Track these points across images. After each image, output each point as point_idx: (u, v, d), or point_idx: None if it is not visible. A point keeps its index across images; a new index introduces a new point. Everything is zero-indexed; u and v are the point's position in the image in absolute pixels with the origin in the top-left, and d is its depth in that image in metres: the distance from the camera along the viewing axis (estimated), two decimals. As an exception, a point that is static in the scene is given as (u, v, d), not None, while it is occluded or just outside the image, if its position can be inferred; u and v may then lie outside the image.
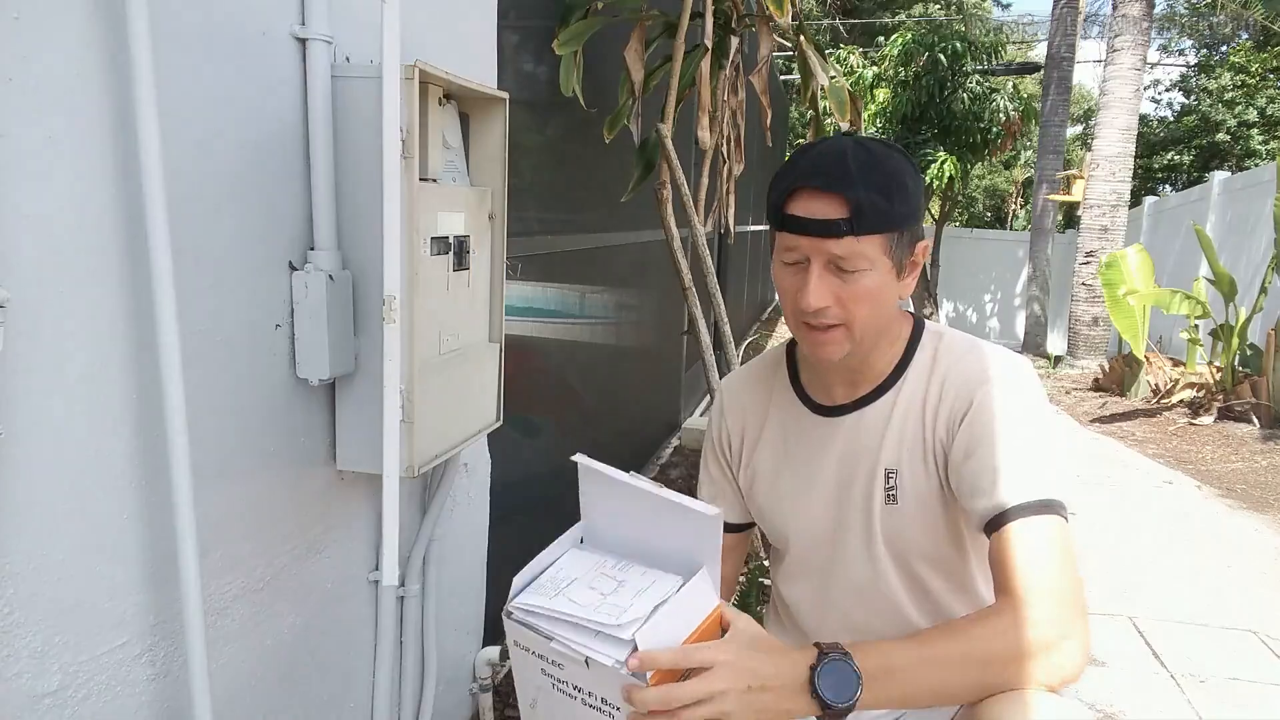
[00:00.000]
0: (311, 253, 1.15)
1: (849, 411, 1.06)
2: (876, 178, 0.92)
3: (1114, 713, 2.15)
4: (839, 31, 18.15)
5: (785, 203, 0.95)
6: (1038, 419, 0.97)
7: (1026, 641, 0.84)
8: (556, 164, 2.42)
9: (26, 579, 0.80)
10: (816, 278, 0.94)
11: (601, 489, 0.85)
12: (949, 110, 11.02)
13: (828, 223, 0.92)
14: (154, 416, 0.92)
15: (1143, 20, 7.65)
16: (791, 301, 0.98)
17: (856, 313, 0.95)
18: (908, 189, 0.95)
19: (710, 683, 0.76)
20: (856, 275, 0.94)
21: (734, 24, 2.58)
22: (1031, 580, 0.87)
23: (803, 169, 0.94)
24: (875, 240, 0.93)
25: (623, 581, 0.80)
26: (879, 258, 0.94)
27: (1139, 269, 6.41)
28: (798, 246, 0.95)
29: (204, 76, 0.96)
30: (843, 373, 1.05)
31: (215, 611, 1.05)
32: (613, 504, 0.85)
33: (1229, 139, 16.64)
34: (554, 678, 0.80)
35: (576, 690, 0.79)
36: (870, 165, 0.93)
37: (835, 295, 0.94)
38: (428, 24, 1.42)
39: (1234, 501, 4.05)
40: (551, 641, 0.77)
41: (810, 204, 0.93)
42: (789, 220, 0.94)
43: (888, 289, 0.97)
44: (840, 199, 0.91)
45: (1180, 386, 6.12)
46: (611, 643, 0.75)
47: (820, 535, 1.09)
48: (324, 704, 1.31)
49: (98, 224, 0.85)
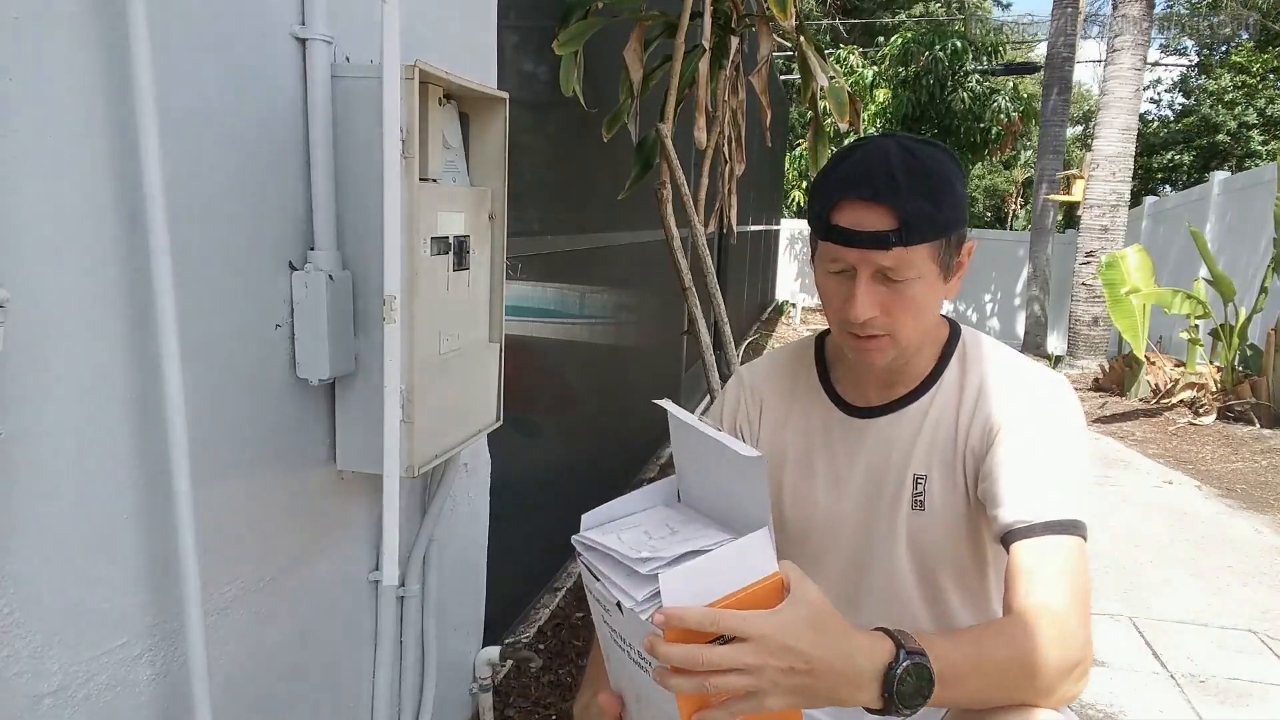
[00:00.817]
0: (311, 253, 1.15)
1: (881, 414, 1.05)
2: (923, 184, 0.89)
3: (1114, 713, 2.14)
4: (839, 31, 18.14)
5: (830, 213, 0.92)
6: (1072, 440, 0.97)
7: (1064, 656, 0.82)
8: (556, 164, 2.42)
9: (27, 579, 0.80)
10: (864, 289, 0.92)
11: (679, 435, 0.82)
12: (949, 110, 11.03)
13: (875, 234, 0.89)
14: (154, 417, 0.92)
15: (1143, 20, 7.65)
16: (837, 311, 0.96)
17: (904, 322, 0.94)
18: (955, 192, 0.92)
19: (743, 654, 0.67)
20: (904, 285, 0.92)
21: (734, 24, 2.58)
22: (1058, 595, 0.86)
23: (847, 178, 0.91)
24: (923, 249, 0.91)
25: (676, 531, 0.76)
26: (927, 266, 0.92)
27: (1139, 269, 6.41)
28: (843, 258, 0.93)
29: (204, 76, 0.96)
30: (881, 375, 1.05)
31: (215, 611, 1.04)
32: (688, 451, 0.82)
33: (1229, 140, 16.64)
34: (610, 626, 0.75)
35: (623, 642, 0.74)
36: (917, 171, 0.90)
37: (882, 305, 0.93)
38: (428, 24, 1.42)
39: (1234, 501, 4.05)
40: (598, 581, 0.73)
41: (857, 215, 0.90)
42: (835, 231, 0.92)
43: (934, 295, 0.96)
44: (888, 210, 0.89)
45: (1180, 386, 6.12)
46: (636, 581, 0.69)
47: (843, 534, 1.08)
48: (324, 704, 1.31)
49: (98, 224, 0.85)
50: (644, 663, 0.70)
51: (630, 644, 0.72)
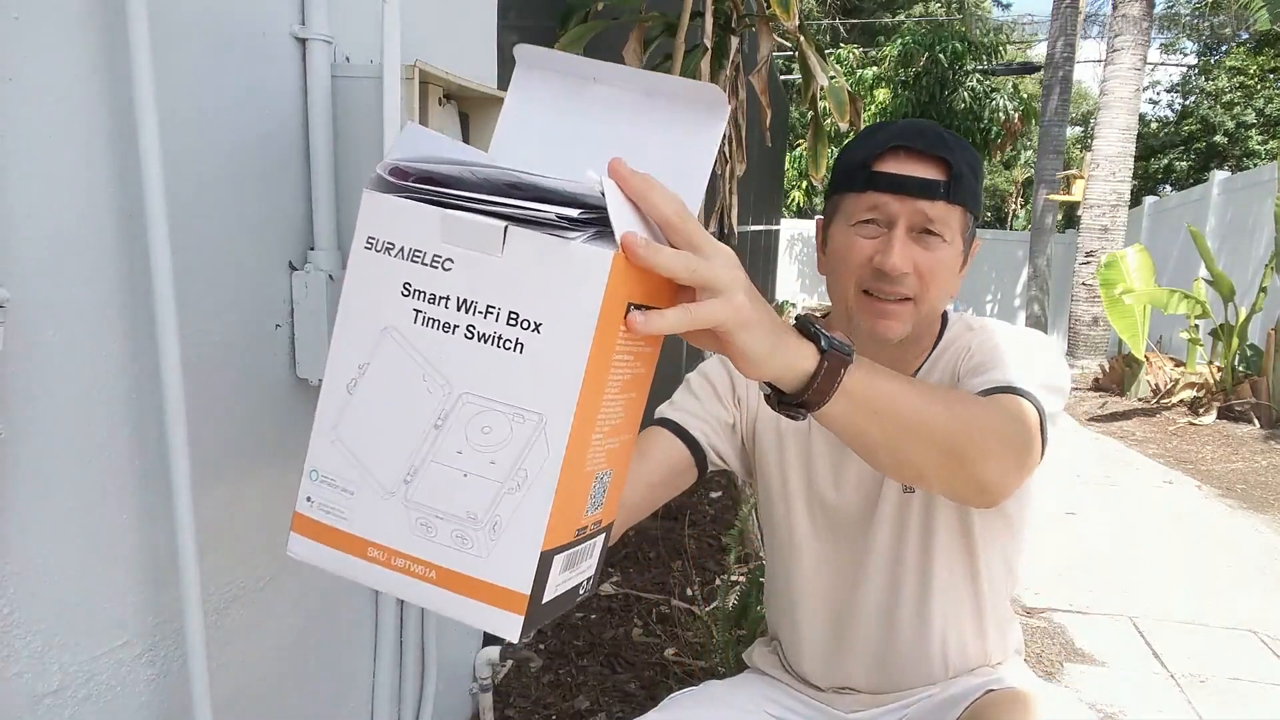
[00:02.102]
0: (311, 253, 1.15)
1: None
2: (969, 153, 0.94)
3: (1114, 713, 2.14)
4: (839, 31, 18.15)
5: (875, 161, 0.93)
6: (1035, 346, 0.97)
7: (1005, 423, 0.81)
8: (556, 164, 2.42)
9: (27, 579, 0.80)
10: (901, 241, 0.92)
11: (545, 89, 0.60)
12: (949, 110, 11.04)
13: (927, 182, 0.91)
14: (154, 416, 0.92)
15: (1143, 20, 7.66)
16: (865, 264, 0.94)
17: (930, 286, 0.93)
18: (982, 177, 0.97)
19: (721, 246, 0.56)
20: (938, 246, 0.92)
21: (734, 24, 2.58)
22: (1007, 406, 0.85)
23: (896, 131, 0.93)
24: (959, 213, 0.93)
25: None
26: (957, 234, 0.94)
27: (1139, 269, 6.41)
28: (884, 206, 0.92)
29: (204, 76, 0.96)
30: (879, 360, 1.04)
31: (215, 611, 1.04)
32: (553, 113, 0.60)
33: (1227, 140, 16.65)
34: (424, 295, 0.52)
35: (460, 307, 0.51)
36: (960, 142, 0.94)
37: (914, 263, 0.92)
38: (428, 24, 1.42)
39: (1234, 501, 4.05)
40: (455, 211, 0.51)
41: (907, 163, 0.92)
42: (880, 178, 0.92)
43: (955, 272, 0.96)
44: (940, 162, 0.91)
45: (1180, 386, 6.12)
46: (562, 203, 0.50)
47: (837, 527, 1.08)
48: (324, 704, 1.31)
49: (98, 224, 0.85)
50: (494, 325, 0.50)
51: (492, 307, 0.50)
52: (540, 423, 0.50)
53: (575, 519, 0.54)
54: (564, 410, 0.49)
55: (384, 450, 0.53)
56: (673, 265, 0.52)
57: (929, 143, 0.91)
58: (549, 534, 0.51)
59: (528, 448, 0.50)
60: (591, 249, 0.49)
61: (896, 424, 0.71)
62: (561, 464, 0.50)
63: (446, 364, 0.52)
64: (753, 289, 0.58)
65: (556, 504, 0.50)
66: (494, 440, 0.51)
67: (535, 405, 0.50)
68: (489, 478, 0.51)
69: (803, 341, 0.64)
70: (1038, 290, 9.91)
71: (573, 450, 0.50)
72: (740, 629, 1.94)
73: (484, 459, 0.51)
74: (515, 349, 0.50)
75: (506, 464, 0.51)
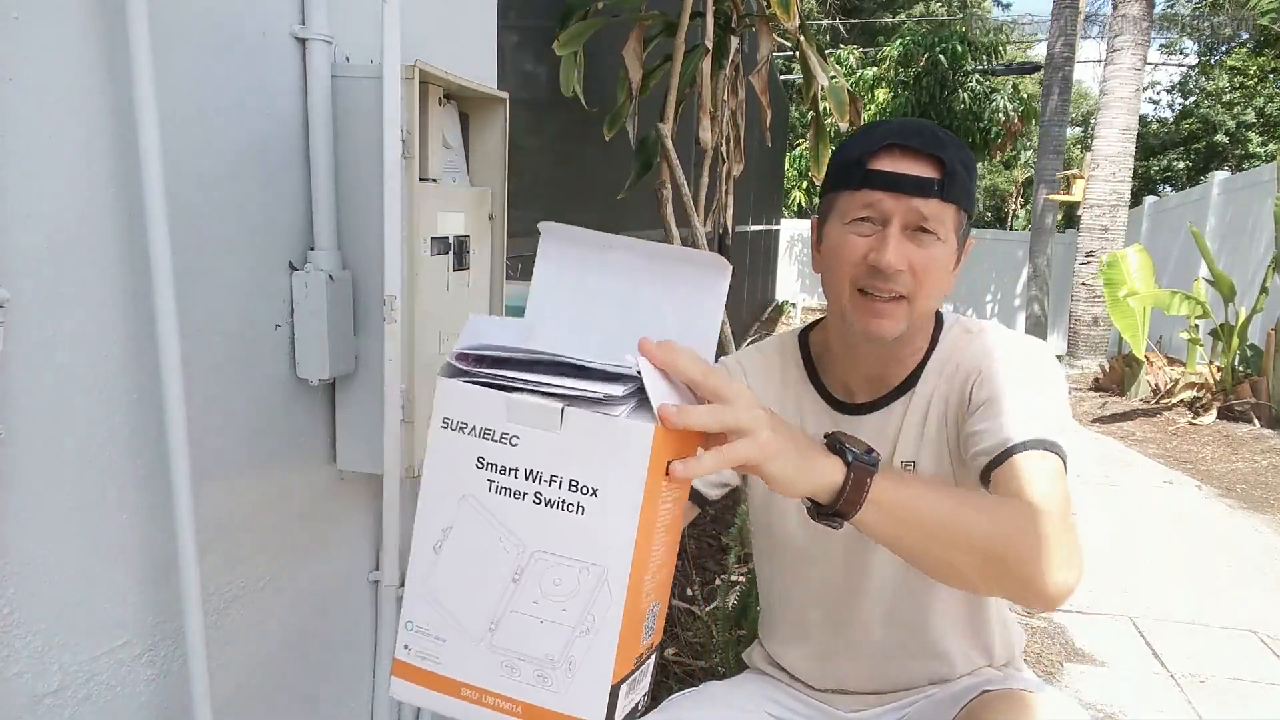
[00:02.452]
0: (311, 253, 1.15)
1: (871, 411, 1.05)
2: (963, 152, 0.94)
3: (1114, 713, 2.14)
4: (839, 31, 18.15)
5: (870, 158, 0.93)
6: (1045, 377, 0.97)
7: (1042, 529, 0.80)
8: (557, 164, 2.42)
9: (26, 579, 0.80)
10: (896, 238, 0.92)
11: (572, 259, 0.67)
12: (949, 110, 11.04)
13: (921, 180, 0.91)
14: (154, 416, 0.92)
15: (1143, 20, 7.65)
16: (860, 262, 0.94)
17: (924, 284, 0.93)
18: (976, 176, 0.97)
19: (742, 389, 0.62)
20: (932, 245, 0.93)
21: (734, 24, 2.58)
22: (1039, 494, 0.84)
23: (891, 129, 0.94)
24: (953, 211, 0.93)
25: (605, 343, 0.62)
26: (951, 232, 0.94)
27: (1139, 269, 6.41)
28: (879, 203, 0.92)
29: (204, 76, 0.96)
30: (873, 365, 1.03)
31: (215, 611, 1.04)
32: (577, 278, 0.67)
33: (1227, 140, 16.66)
34: (496, 466, 0.60)
35: (528, 477, 0.59)
36: (955, 141, 0.95)
37: (909, 261, 0.92)
38: (428, 24, 1.42)
39: (1234, 501, 4.05)
40: (513, 394, 0.59)
41: (902, 161, 0.92)
42: (875, 176, 0.92)
43: (950, 269, 0.96)
44: (935, 160, 0.92)
45: (1180, 386, 6.12)
46: (604, 380, 0.58)
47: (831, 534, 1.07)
48: (324, 704, 1.31)
49: (98, 224, 0.85)
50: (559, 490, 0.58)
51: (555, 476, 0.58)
52: (603, 574, 0.58)
53: (634, 650, 0.62)
54: (622, 562, 0.58)
55: (470, 602, 0.62)
56: (704, 421, 0.59)
57: (924, 141, 0.92)
58: (616, 668, 0.59)
59: (594, 596, 0.58)
60: (635, 423, 0.57)
61: (927, 530, 0.76)
62: (623, 608, 0.58)
63: (519, 526, 0.60)
64: (776, 420, 0.65)
65: (620, 642, 0.59)
66: (565, 591, 0.59)
67: (598, 559, 0.58)
68: (562, 624, 0.59)
69: (830, 457, 0.70)
70: (1038, 290, 9.91)
71: (631, 594, 0.58)
72: (740, 629, 1.94)
73: (557, 607, 0.59)
74: (577, 511, 0.58)
75: (577, 611, 0.59)
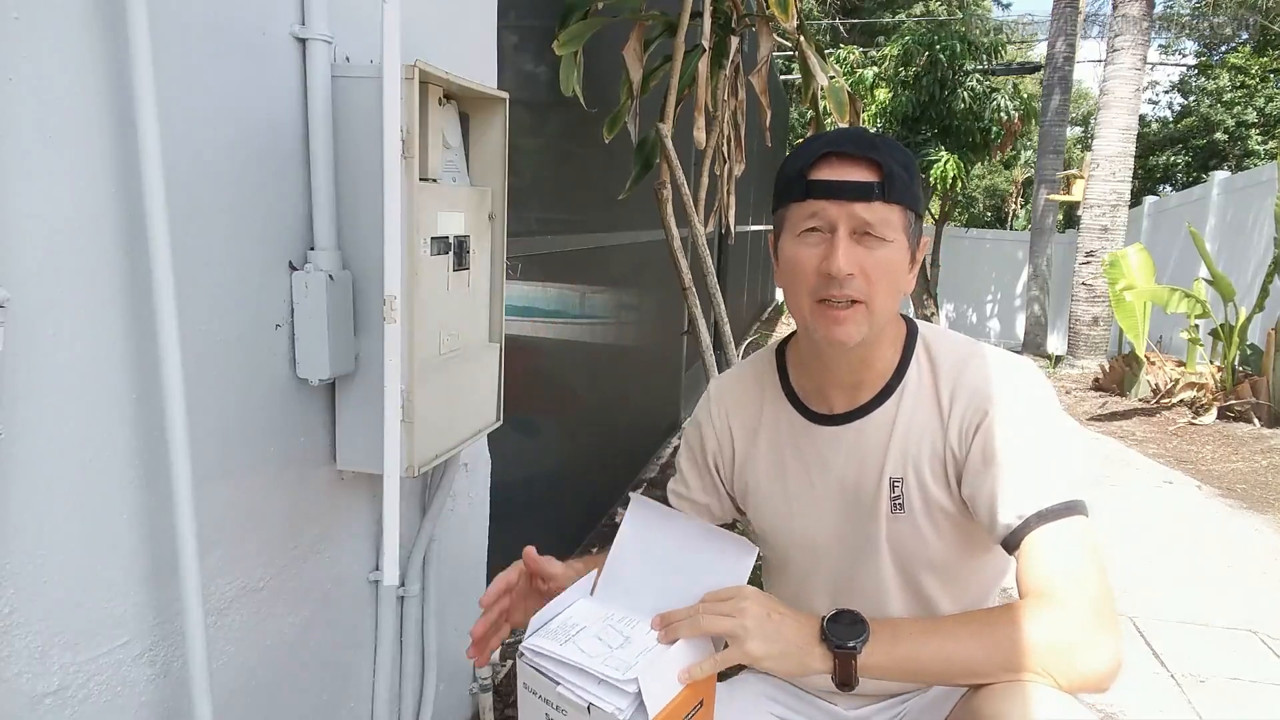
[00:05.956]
0: (311, 253, 1.15)
1: (849, 421, 1.04)
2: (900, 153, 0.95)
3: (1114, 713, 2.14)
4: (839, 31, 18.15)
5: (810, 170, 0.94)
6: (1051, 421, 0.96)
7: (1047, 634, 0.82)
8: (556, 164, 2.43)
9: (26, 579, 0.80)
10: (844, 244, 0.92)
11: (648, 524, 0.95)
12: (949, 110, 11.02)
13: (860, 185, 0.92)
14: (154, 416, 0.92)
15: (1143, 20, 7.65)
16: (813, 272, 0.94)
17: (879, 286, 0.94)
18: (918, 175, 0.98)
19: (739, 592, 0.86)
20: (881, 248, 0.93)
21: (734, 24, 2.58)
22: (1061, 582, 0.86)
23: (829, 139, 0.95)
24: (899, 212, 0.94)
25: (629, 638, 0.87)
26: (900, 233, 0.94)
27: (1140, 268, 6.41)
28: (823, 212, 0.93)
29: (204, 76, 0.96)
30: (845, 373, 1.03)
31: (215, 611, 1.05)
32: (651, 540, 0.94)
33: (1227, 139, 16.66)
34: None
35: None
36: (892, 144, 0.96)
37: (860, 265, 0.93)
38: (428, 24, 1.42)
39: (1234, 501, 4.05)
40: (558, 686, 0.83)
41: (840, 169, 0.93)
42: (816, 186, 0.93)
43: (904, 270, 0.97)
44: (872, 164, 0.92)
45: (1180, 386, 6.12)
46: (615, 692, 0.81)
47: (823, 546, 1.08)
48: (324, 704, 1.31)
49: (98, 224, 0.85)
50: None
51: None
52: None
53: None
54: None
55: None
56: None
57: (859, 146, 0.93)
58: None
59: None
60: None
61: (934, 675, 0.87)
62: None
63: None
64: (764, 627, 0.84)
65: None
66: None
67: None
68: None
69: (819, 646, 0.85)
70: (1038, 290, 9.91)
71: None
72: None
73: None
74: None
75: None
